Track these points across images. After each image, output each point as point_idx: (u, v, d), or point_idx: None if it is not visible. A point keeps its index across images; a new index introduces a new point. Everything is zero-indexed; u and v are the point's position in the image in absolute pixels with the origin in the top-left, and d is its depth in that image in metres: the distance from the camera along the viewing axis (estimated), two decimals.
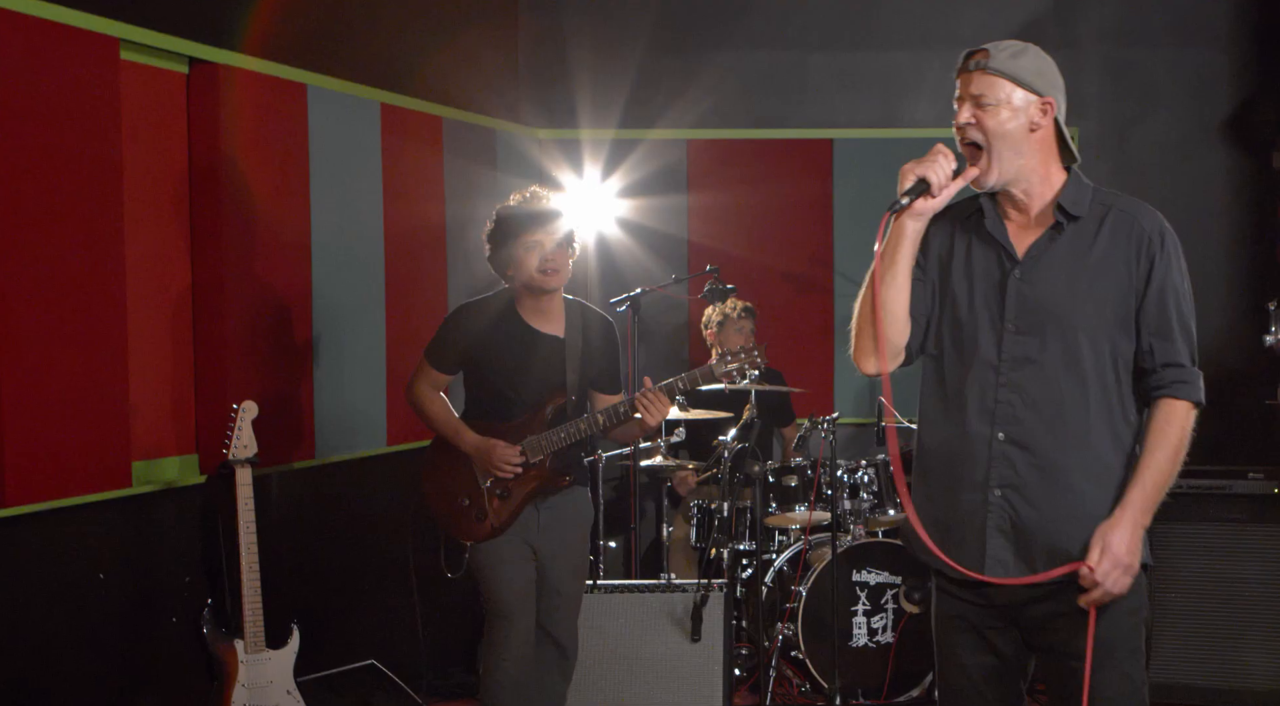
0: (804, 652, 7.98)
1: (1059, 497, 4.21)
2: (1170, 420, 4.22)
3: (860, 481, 8.39)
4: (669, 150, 10.07)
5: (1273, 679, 7.70)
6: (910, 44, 9.96)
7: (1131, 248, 4.24)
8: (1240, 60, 9.78)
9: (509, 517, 6.27)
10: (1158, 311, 4.23)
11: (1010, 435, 4.22)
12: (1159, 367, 4.23)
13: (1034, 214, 4.31)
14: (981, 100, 4.17)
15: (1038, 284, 4.24)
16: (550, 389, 6.34)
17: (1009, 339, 4.24)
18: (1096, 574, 4.10)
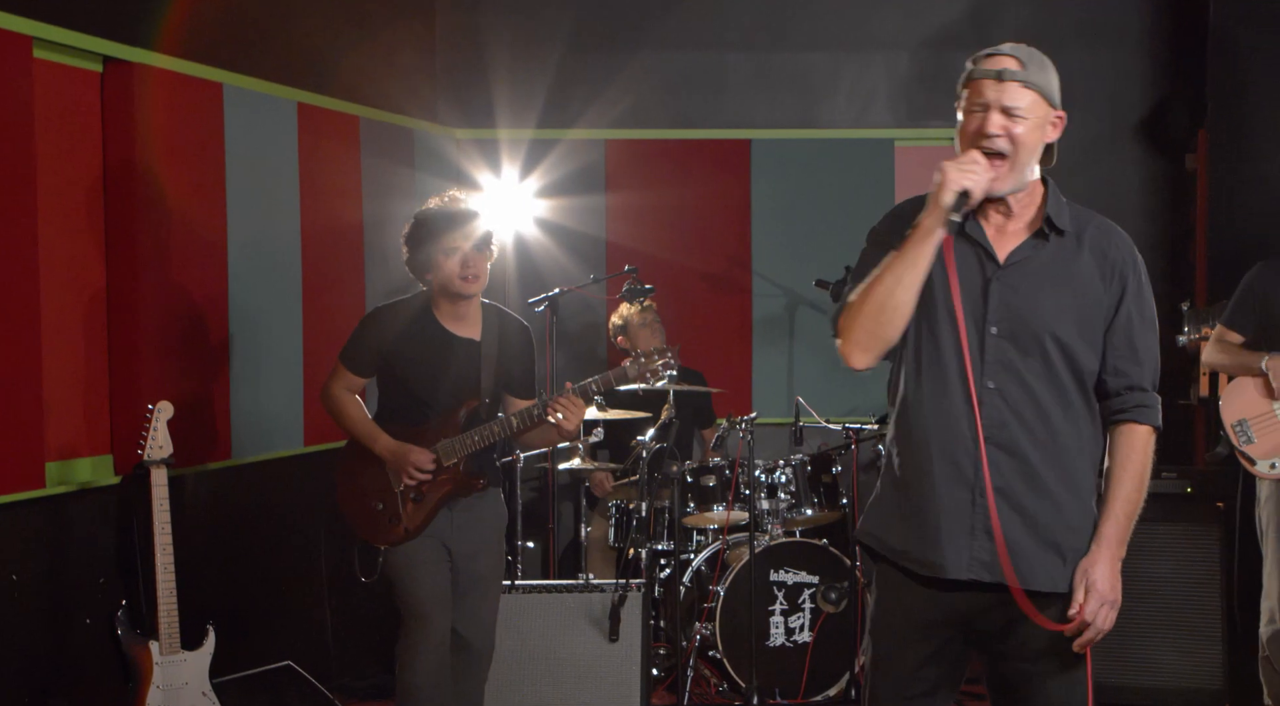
0: (721, 652, 7.99)
1: (1041, 504, 4.21)
2: (1133, 446, 4.26)
3: (778, 481, 8.40)
4: (587, 150, 10.07)
5: (1187, 677, 7.75)
6: (828, 45, 10.00)
7: (1107, 268, 4.27)
8: (1154, 63, 9.86)
9: (423, 521, 6.25)
10: (1125, 335, 4.25)
11: (996, 439, 4.21)
12: (1122, 390, 4.26)
13: (1018, 221, 4.31)
14: (1014, 112, 4.14)
15: (1020, 290, 4.24)
16: (464, 392, 6.32)
17: (991, 342, 4.23)
18: (1085, 615, 4.13)
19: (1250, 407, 6.98)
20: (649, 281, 8.57)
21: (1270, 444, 6.92)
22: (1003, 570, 4.18)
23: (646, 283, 8.53)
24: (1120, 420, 4.27)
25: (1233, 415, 7.03)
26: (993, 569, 4.20)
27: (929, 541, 4.25)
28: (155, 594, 6.52)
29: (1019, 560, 4.19)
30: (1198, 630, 7.75)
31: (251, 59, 7.87)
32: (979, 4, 9.97)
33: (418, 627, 6.25)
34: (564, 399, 6.13)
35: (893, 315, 4.19)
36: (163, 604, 6.50)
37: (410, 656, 6.25)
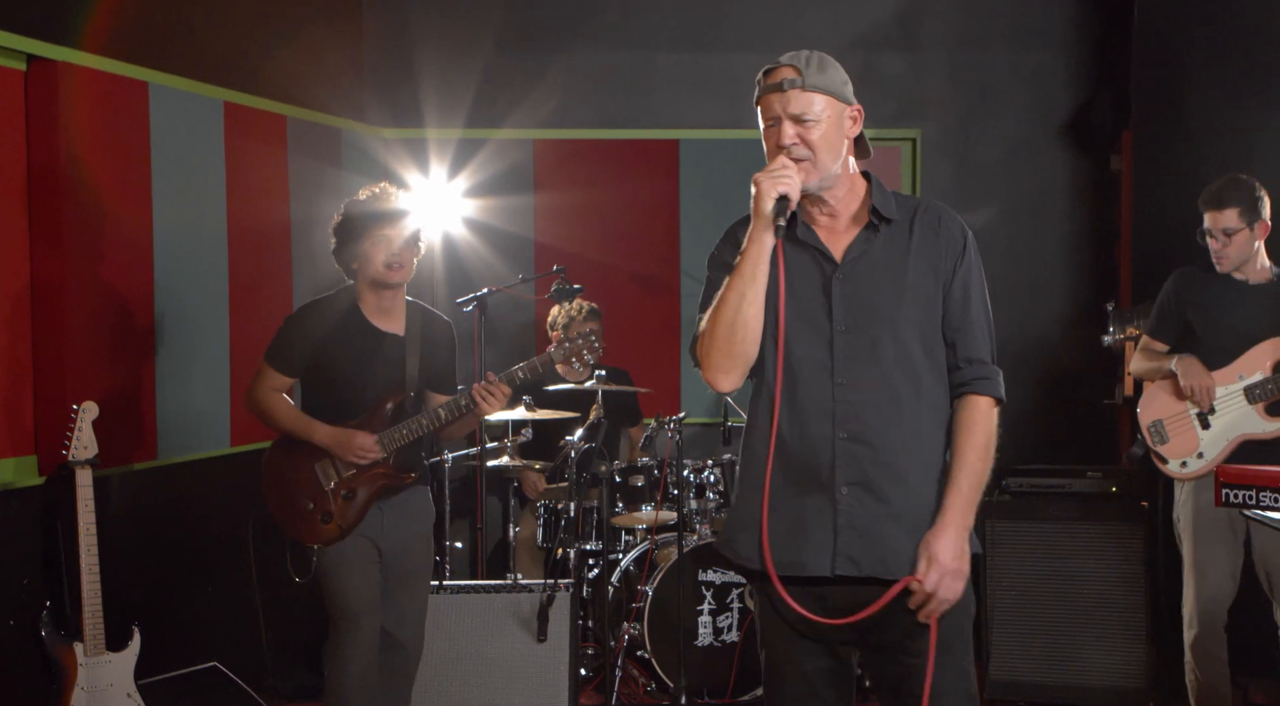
0: (650, 652, 8.00)
1: (903, 493, 4.26)
2: (975, 418, 4.33)
3: (706, 481, 8.43)
4: (515, 150, 10.06)
5: (1109, 675, 7.81)
6: (756, 46, 10.01)
7: (940, 247, 4.34)
8: (1079, 63, 9.92)
9: (355, 518, 6.24)
10: (961, 308, 4.34)
11: (853, 433, 4.25)
12: (961, 363, 4.35)
13: (844, 218, 4.39)
14: (804, 118, 4.25)
15: (861, 284, 4.30)
16: (390, 387, 6.33)
17: (839, 339, 4.28)
18: (926, 585, 4.17)
19: (1165, 409, 7.03)
20: (577, 281, 8.56)
21: (1181, 444, 6.98)
22: (866, 563, 4.24)
23: (575, 282, 8.52)
24: (962, 392, 4.36)
25: (1149, 416, 7.09)
26: (859, 563, 4.25)
27: (792, 543, 4.28)
28: (80, 595, 6.48)
29: (885, 550, 4.25)
30: (1122, 628, 7.81)
31: (178, 58, 7.82)
32: (906, 6, 10.00)
33: (347, 628, 6.24)
34: (489, 386, 6.15)
35: (745, 332, 4.25)
36: (87, 605, 6.46)
37: (339, 656, 6.24)
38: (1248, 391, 6.82)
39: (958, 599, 4.23)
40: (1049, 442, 9.52)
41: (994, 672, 7.97)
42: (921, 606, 4.20)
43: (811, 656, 4.39)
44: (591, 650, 8.44)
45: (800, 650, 4.40)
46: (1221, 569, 6.95)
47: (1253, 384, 6.82)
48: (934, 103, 9.94)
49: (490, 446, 8.47)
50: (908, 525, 4.25)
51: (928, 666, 4.21)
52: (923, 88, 9.93)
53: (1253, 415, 6.84)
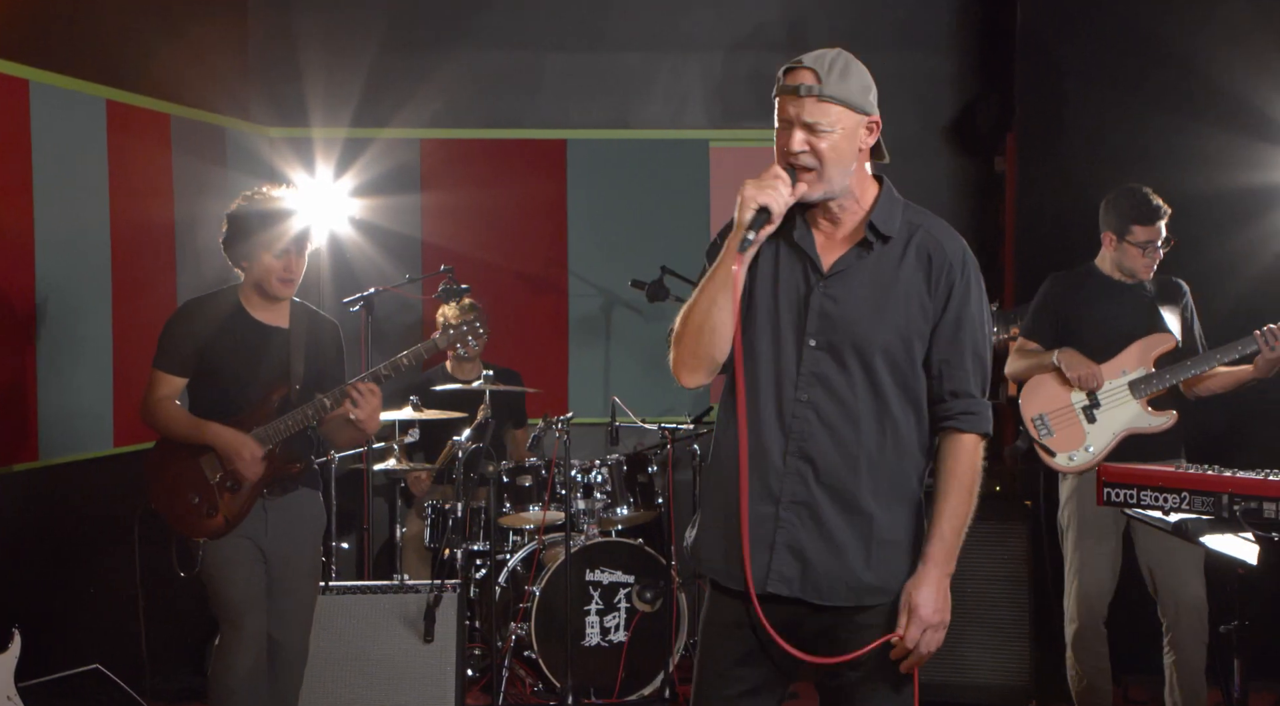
0: (537, 652, 8.00)
1: (849, 519, 4.19)
2: (959, 457, 4.24)
3: (594, 481, 8.43)
4: (402, 149, 10.03)
5: (993, 673, 7.87)
6: (642, 46, 10.03)
7: (933, 271, 4.21)
8: (963, 66, 10.00)
9: (241, 510, 6.20)
10: (951, 338, 4.22)
11: (803, 451, 4.19)
12: (947, 396, 4.24)
13: (845, 228, 4.27)
14: (816, 128, 4.10)
15: (841, 301, 4.20)
16: (275, 380, 6.30)
17: (808, 353, 4.19)
18: (907, 641, 4.13)
19: (1049, 402, 7.09)
20: (465, 281, 8.54)
21: (1068, 437, 7.04)
22: (799, 585, 4.20)
23: (462, 282, 8.50)
24: (946, 427, 4.25)
25: (1032, 409, 7.14)
26: (792, 584, 4.20)
27: (734, 555, 4.22)
28: None
29: (817, 575, 4.19)
30: (1005, 627, 7.88)
31: (59, 55, 7.74)
32: (792, 6, 10.05)
33: (232, 630, 6.20)
34: (360, 385, 6.14)
35: (712, 336, 4.18)
36: None
37: (225, 658, 6.20)
38: (1132, 386, 6.90)
39: (938, 648, 4.19)
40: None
41: None
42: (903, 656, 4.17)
43: (739, 665, 4.33)
44: (478, 650, 8.43)
45: (731, 656, 4.34)
46: (1103, 564, 7.02)
47: (1137, 379, 6.90)
48: None
49: (377, 447, 8.44)
50: (848, 554, 4.18)
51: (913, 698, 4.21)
52: None
53: (1138, 409, 6.91)
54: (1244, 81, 8.15)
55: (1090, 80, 8.74)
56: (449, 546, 8.39)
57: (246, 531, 6.23)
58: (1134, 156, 8.26)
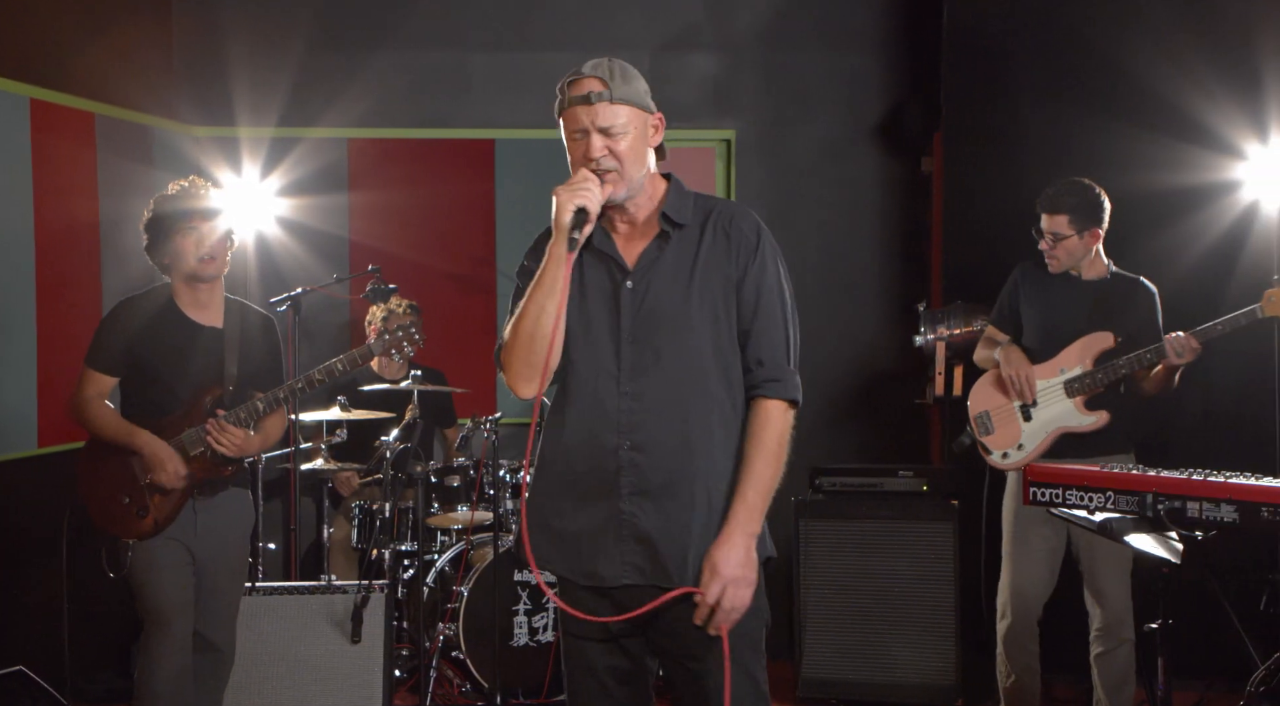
0: (465, 652, 7.97)
1: (687, 502, 4.28)
2: (765, 424, 4.34)
3: (522, 481, 8.42)
4: (330, 149, 9.99)
5: (920, 672, 7.91)
6: (570, 46, 10.02)
7: (731, 248, 4.34)
8: (891, 66, 10.03)
9: (171, 511, 6.18)
10: (752, 308, 4.35)
11: (636, 443, 4.27)
12: (753, 365, 4.35)
13: (640, 223, 4.40)
14: (612, 131, 4.24)
15: (650, 293, 4.32)
16: (209, 381, 6.28)
17: (626, 349, 4.30)
18: (709, 597, 4.19)
19: (992, 400, 7.13)
20: (393, 281, 8.53)
21: (1005, 436, 7.08)
22: (651, 571, 4.27)
23: (390, 282, 8.49)
24: (753, 396, 4.36)
25: (977, 407, 7.18)
26: (644, 571, 4.28)
27: (585, 553, 4.31)
28: None
29: (668, 559, 4.27)
30: (932, 626, 7.92)
31: None
32: (720, 7, 10.06)
33: (159, 631, 6.18)
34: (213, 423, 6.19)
35: (543, 343, 4.25)
36: None
37: (151, 660, 6.18)
38: (1067, 385, 6.93)
39: (745, 607, 4.24)
40: (861, 442, 9.63)
41: (807, 671, 8.04)
42: (710, 619, 4.23)
43: (605, 655, 4.40)
44: (406, 651, 8.41)
45: (594, 649, 4.41)
46: (1039, 561, 7.04)
47: (1072, 378, 6.93)
48: (748, 104, 10.01)
49: (304, 447, 8.41)
50: (693, 534, 4.27)
51: (725, 679, 4.23)
52: (736, 89, 9.99)
53: (1071, 408, 6.95)
54: (1167, 83, 8.21)
55: (1017, 81, 8.79)
56: (376, 547, 8.37)
57: (175, 533, 6.22)
58: (1060, 157, 8.31)
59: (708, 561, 4.22)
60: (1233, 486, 4.61)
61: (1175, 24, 8.43)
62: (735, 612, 4.22)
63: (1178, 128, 8.19)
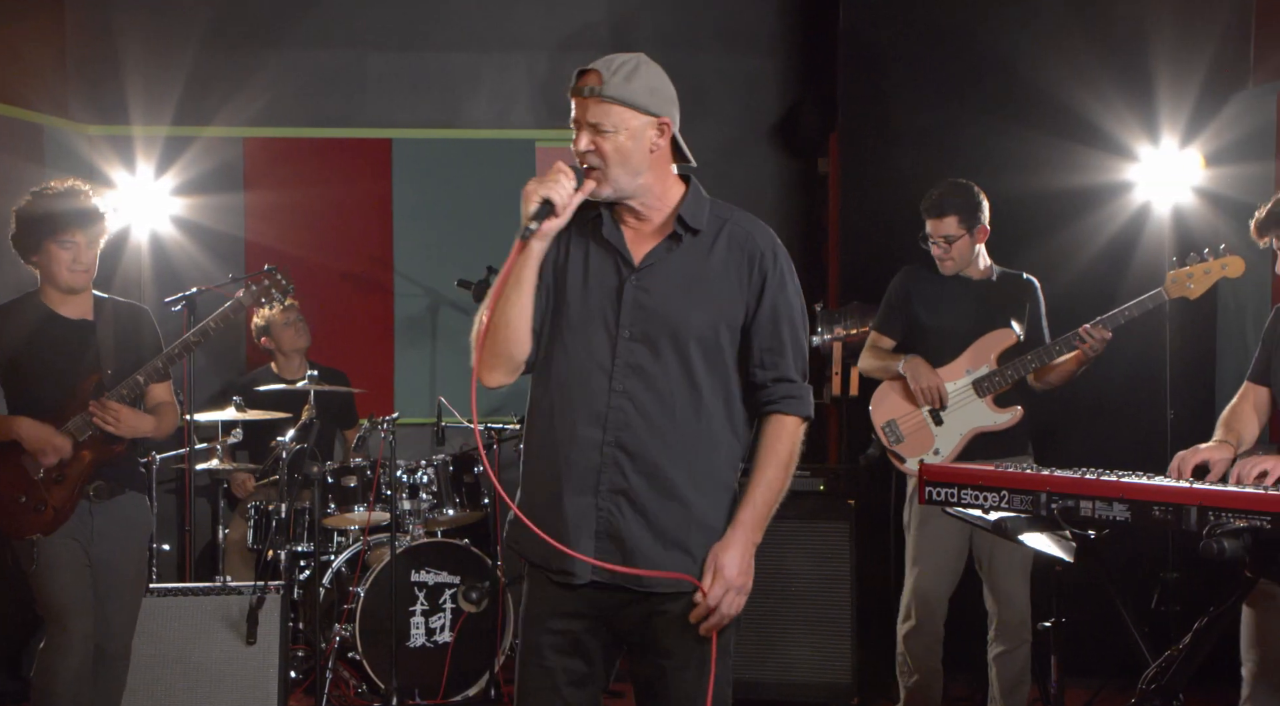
0: (361, 653, 7.94)
1: (666, 505, 4.24)
2: (780, 436, 4.32)
3: (420, 482, 8.40)
4: (225, 148, 9.93)
5: (816, 671, 7.91)
6: (468, 46, 10.00)
7: (745, 262, 4.30)
8: (787, 67, 10.07)
9: (69, 498, 6.16)
10: (770, 327, 4.31)
11: (620, 441, 4.24)
12: (770, 382, 4.32)
13: (653, 224, 4.34)
14: (600, 127, 4.17)
15: (653, 292, 4.27)
16: (86, 370, 6.25)
17: (623, 345, 4.26)
18: (710, 598, 4.18)
19: (897, 408, 7.15)
20: None
21: (917, 442, 7.09)
22: (623, 575, 4.23)
23: None
24: (768, 411, 4.34)
25: (882, 416, 7.19)
26: (614, 572, 4.24)
27: (557, 548, 4.25)
28: None
29: (641, 562, 4.23)
30: (829, 625, 7.91)
31: None
32: (618, 7, 10.07)
33: (59, 632, 6.15)
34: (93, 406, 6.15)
35: (509, 333, 4.26)
36: None
37: (50, 661, 6.15)
38: (976, 385, 6.97)
39: (737, 614, 4.25)
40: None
41: None
42: (703, 618, 4.22)
43: (560, 655, 4.35)
44: (302, 652, 8.37)
45: (551, 647, 4.36)
46: (942, 563, 7.07)
47: (980, 377, 6.97)
48: None
49: (200, 447, 8.35)
50: (667, 538, 4.24)
51: (709, 682, 4.24)
52: None
53: (983, 408, 6.99)
54: (1061, 85, 8.29)
55: (913, 82, 8.84)
56: (272, 548, 8.33)
57: (73, 533, 6.18)
58: (956, 157, 8.36)
59: (711, 562, 4.21)
60: (1125, 485, 4.65)
61: (1068, 27, 8.52)
62: (728, 619, 4.23)
63: (1071, 129, 8.27)
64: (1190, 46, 8.33)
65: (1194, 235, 8.12)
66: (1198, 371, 8.40)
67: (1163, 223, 8.22)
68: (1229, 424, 5.43)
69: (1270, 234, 5.21)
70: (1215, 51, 8.30)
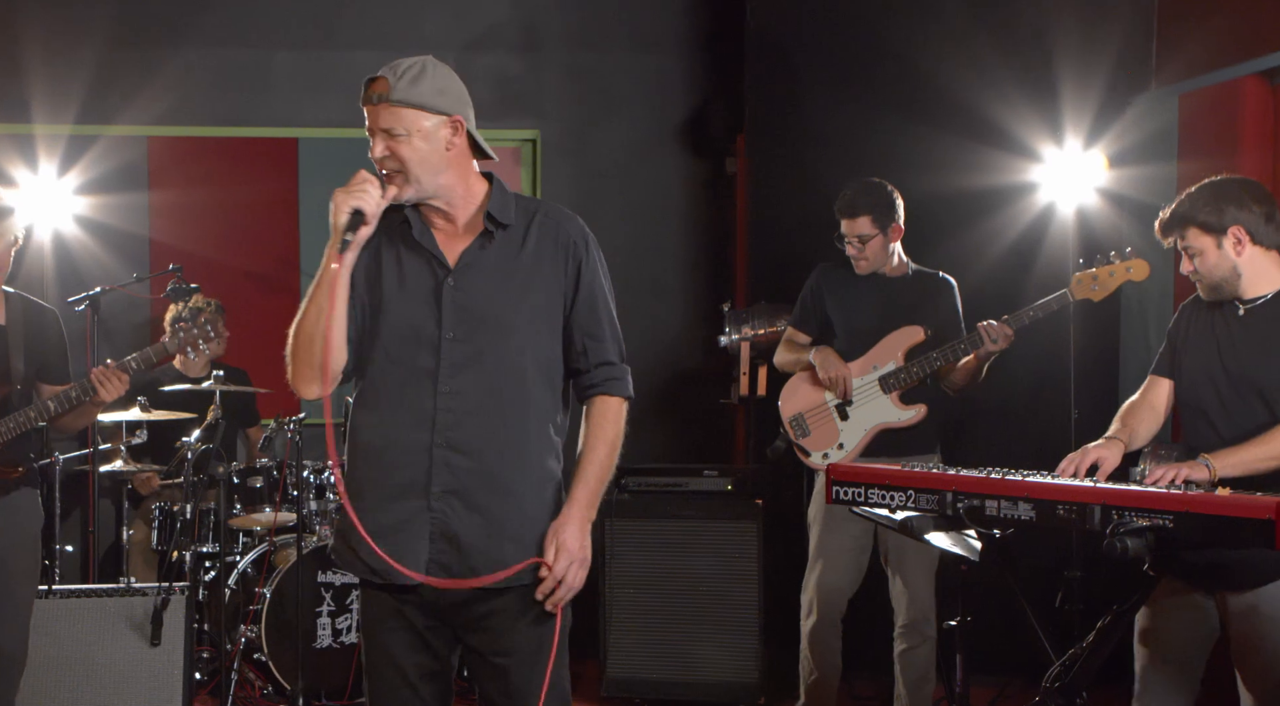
0: (267, 654, 7.91)
1: (499, 501, 4.29)
2: (606, 417, 4.42)
3: (326, 482, 8.38)
4: (129, 147, 9.87)
5: (723, 670, 7.93)
6: (375, 45, 9.97)
7: (559, 252, 4.38)
8: (695, 67, 10.10)
9: None
10: (589, 313, 4.41)
11: (450, 441, 4.27)
12: (592, 366, 4.41)
13: (461, 223, 4.38)
14: (392, 132, 4.22)
15: (472, 291, 4.31)
16: None
17: (447, 346, 4.28)
18: (555, 571, 4.22)
19: (805, 402, 7.17)
20: (195, 280, 8.42)
21: (822, 436, 7.12)
22: (457, 569, 4.27)
23: (191, 281, 8.38)
24: (592, 394, 4.43)
25: (790, 410, 7.21)
26: (450, 570, 4.28)
27: (391, 551, 4.26)
28: None
29: (476, 557, 4.28)
30: (736, 624, 7.94)
31: None
32: (525, 7, 10.07)
33: None
34: (107, 371, 6.04)
35: (323, 344, 4.26)
36: None
37: None
38: (882, 381, 7.00)
39: (581, 587, 4.29)
40: (667, 442, 9.67)
41: (611, 670, 8.05)
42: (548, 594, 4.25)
43: (411, 652, 4.38)
44: (207, 653, 8.31)
45: (400, 645, 4.38)
46: (845, 559, 7.09)
47: (886, 373, 7.00)
48: (553, 104, 10.02)
49: (103, 448, 8.28)
50: (505, 533, 4.29)
51: (549, 659, 4.27)
52: (542, 89, 10.00)
53: (887, 404, 7.02)
54: (966, 86, 8.34)
55: (820, 82, 8.88)
56: (177, 548, 8.27)
57: None
58: (862, 157, 8.40)
59: (552, 537, 4.26)
60: (1029, 485, 4.69)
61: (973, 29, 8.58)
62: (573, 592, 4.29)
63: (977, 130, 8.32)
64: (1093, 49, 8.41)
65: (1097, 235, 8.19)
66: (1102, 371, 8.48)
67: (1067, 223, 8.28)
68: (1124, 419, 5.48)
69: (1174, 234, 5.26)
70: (1118, 54, 8.38)
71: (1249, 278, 5.19)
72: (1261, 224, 5.17)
